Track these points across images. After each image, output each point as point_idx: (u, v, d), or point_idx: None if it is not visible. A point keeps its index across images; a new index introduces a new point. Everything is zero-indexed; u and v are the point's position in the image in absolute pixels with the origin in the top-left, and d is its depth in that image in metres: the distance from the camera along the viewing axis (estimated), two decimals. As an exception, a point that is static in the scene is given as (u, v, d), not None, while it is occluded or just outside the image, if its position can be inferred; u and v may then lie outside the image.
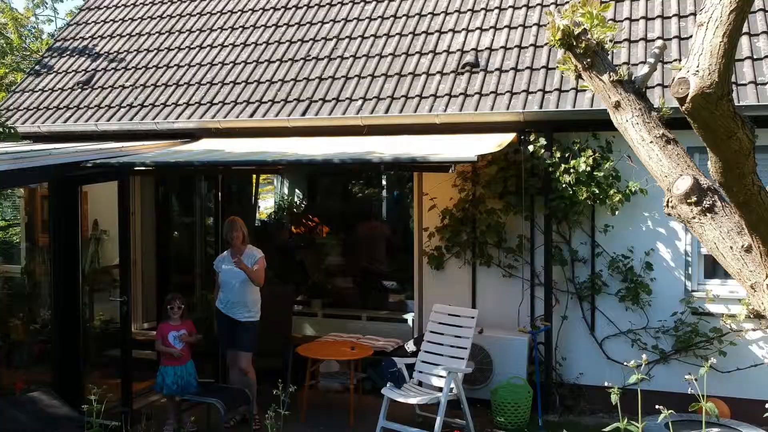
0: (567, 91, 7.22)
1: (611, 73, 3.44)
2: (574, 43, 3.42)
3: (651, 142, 3.34)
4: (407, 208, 13.86)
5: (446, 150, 6.34)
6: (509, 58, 7.81)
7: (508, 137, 6.92)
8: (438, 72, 7.91)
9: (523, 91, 7.35)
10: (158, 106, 8.81)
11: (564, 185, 6.99)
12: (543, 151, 7.03)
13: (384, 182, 14.33)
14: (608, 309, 7.27)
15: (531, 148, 7.03)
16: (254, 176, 13.24)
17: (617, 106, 3.44)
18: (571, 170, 7.02)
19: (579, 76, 3.59)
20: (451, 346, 6.81)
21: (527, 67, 7.59)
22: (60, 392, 6.61)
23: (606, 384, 5.08)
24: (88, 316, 8.55)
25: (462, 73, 7.82)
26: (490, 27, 8.27)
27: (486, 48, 8.02)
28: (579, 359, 7.37)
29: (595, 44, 3.46)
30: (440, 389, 6.37)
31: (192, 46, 9.68)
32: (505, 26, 8.20)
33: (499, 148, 6.46)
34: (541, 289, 7.42)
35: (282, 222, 13.29)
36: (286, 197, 14.12)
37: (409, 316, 8.44)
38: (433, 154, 5.90)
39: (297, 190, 14.31)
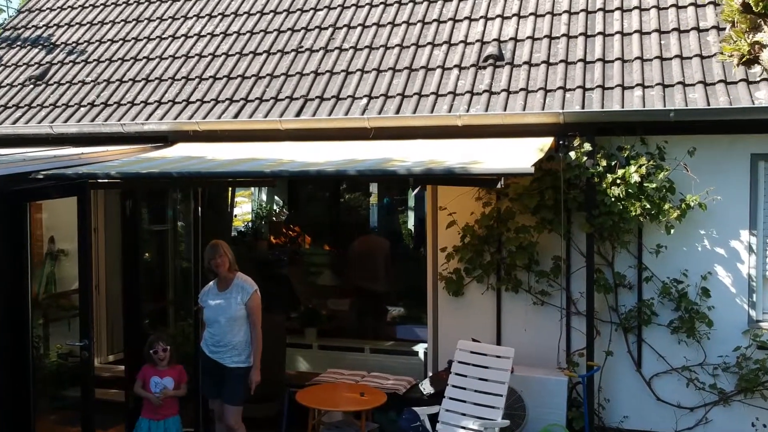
0: (611, 88, 6.16)
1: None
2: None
3: None
4: (399, 215, 12.89)
5: (477, 157, 5.22)
6: (539, 50, 6.73)
7: (547, 142, 5.85)
8: (455, 66, 6.79)
9: (559, 88, 6.27)
10: (125, 104, 7.56)
11: (612, 199, 5.92)
12: (585, 158, 5.96)
13: (374, 189, 13.26)
14: (658, 342, 6.23)
15: (573, 154, 5.95)
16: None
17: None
18: (619, 181, 5.97)
19: (748, 60, 2.49)
20: (481, 392, 5.71)
21: (561, 60, 6.52)
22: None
23: (655, 429, 4.02)
24: (42, 350, 7.30)
25: (484, 67, 6.71)
26: (513, 15, 7.18)
27: (510, 38, 6.92)
28: (624, 400, 6.32)
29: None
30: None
31: (164, 36, 8.43)
32: (531, 14, 7.12)
33: (542, 155, 5.37)
34: (578, 319, 6.37)
35: (260, 231, 12.13)
36: (264, 205, 12.96)
37: (420, 348, 7.31)
38: (470, 163, 4.77)
39: (276, 197, 13.15)
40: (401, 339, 7.91)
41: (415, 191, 13.23)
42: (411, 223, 12.78)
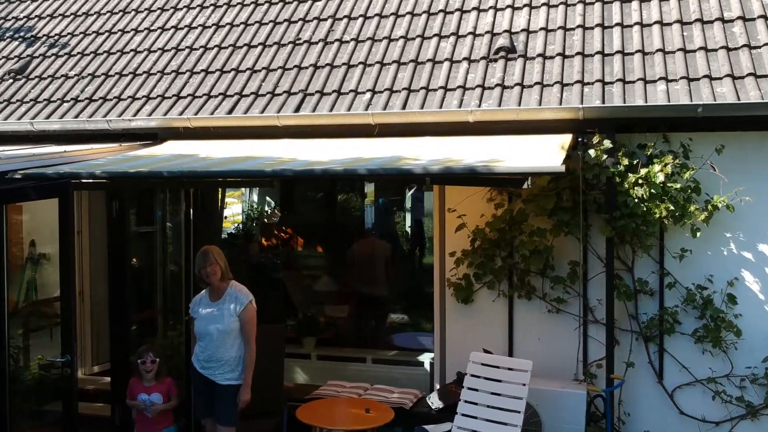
0: (633, 82, 5.78)
1: None
2: None
3: None
4: (395, 217, 12.47)
5: (494, 155, 4.81)
6: (553, 41, 6.33)
7: (566, 139, 5.45)
8: (464, 58, 6.39)
9: (577, 81, 5.88)
10: (111, 100, 7.10)
11: (635, 200, 5.54)
12: (606, 156, 5.57)
13: (369, 188, 12.84)
14: (681, 352, 5.85)
15: (592, 153, 5.56)
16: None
17: None
18: (641, 181, 5.59)
19: None
20: (497, 408, 5.31)
21: (578, 53, 6.13)
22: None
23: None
24: (22, 362, 6.85)
25: (495, 60, 6.31)
26: (524, 5, 6.78)
27: (522, 30, 6.53)
28: (645, 414, 5.94)
29: None
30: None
31: (152, 28, 7.97)
32: (543, 4, 6.72)
33: (564, 153, 4.97)
34: (595, 328, 5.99)
35: (252, 233, 11.68)
36: (255, 205, 12.51)
37: (426, 358, 6.90)
38: (492, 162, 4.36)
39: (268, 197, 12.71)
40: (405, 348, 7.49)
41: (412, 191, 12.88)
42: (408, 225, 12.40)
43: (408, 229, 11.74)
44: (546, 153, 4.75)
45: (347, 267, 8.87)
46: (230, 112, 6.47)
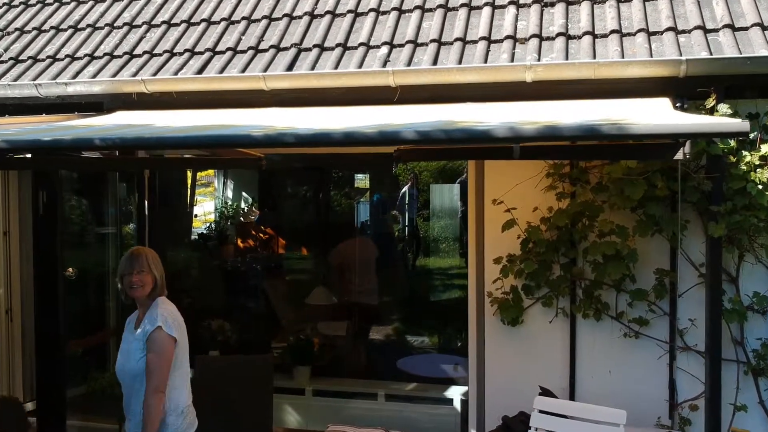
0: (745, 28, 4.30)
1: None
2: None
3: None
4: (390, 212, 11.00)
5: (587, 116, 3.29)
6: (627, -21, 4.83)
7: (662, 103, 3.96)
8: (510, 2, 4.86)
9: (668, 29, 4.38)
10: (43, 60, 5.46)
11: (759, 187, 4.06)
12: (715, 128, 4.07)
13: (365, 181, 11.38)
14: (804, 390, 4.41)
15: (698, 122, 4.06)
16: (189, 173, 10.09)
17: None
18: (761, 161, 4.12)
19: None
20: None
21: (665, -7, 4.64)
22: None
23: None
24: None
25: (552, 4, 4.80)
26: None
27: (583, -34, 5.02)
28: (754, 472, 4.48)
29: None
30: None
31: (99, -26, 6.33)
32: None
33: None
34: (686, 357, 4.53)
35: (226, 234, 10.15)
36: (230, 202, 10.98)
37: (456, 394, 5.37)
38: (614, 120, 2.79)
39: (244, 193, 11.18)
40: (426, 378, 5.89)
41: (406, 187, 11.43)
42: (406, 223, 10.97)
43: (412, 229, 10.25)
44: (666, 115, 3.22)
45: (343, 272, 7.33)
46: (199, 72, 4.88)
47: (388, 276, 7.75)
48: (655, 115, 3.31)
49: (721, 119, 2.93)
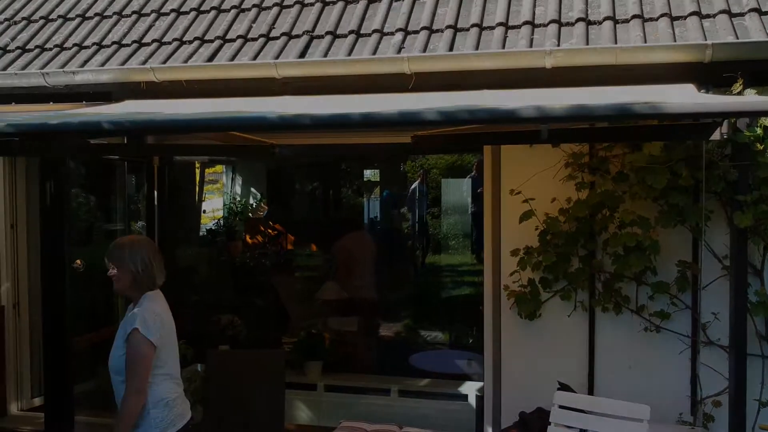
0: (771, 12, 4.18)
1: None
2: None
3: None
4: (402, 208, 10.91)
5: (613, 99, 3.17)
6: (648, -37, 4.70)
7: (687, 88, 3.83)
8: (528, -12, 4.75)
9: (692, 13, 4.26)
10: (50, 49, 5.36)
11: (788, 176, 3.94)
12: (743, 115, 3.94)
13: (375, 177, 11.31)
14: (832, 386, 4.28)
15: (724, 109, 3.94)
16: (197, 170, 10.03)
17: None
18: (789, 149, 3.99)
19: None
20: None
21: (687, -23, 4.51)
22: None
23: None
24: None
25: (572, -11, 4.68)
26: None
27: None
28: (779, 471, 4.34)
29: None
30: None
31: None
32: None
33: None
34: (708, 351, 4.40)
35: (235, 230, 10.06)
36: (239, 198, 10.91)
37: (470, 389, 5.26)
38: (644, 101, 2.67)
39: (253, 189, 11.10)
40: (440, 374, 5.77)
41: (416, 183, 11.32)
42: (416, 219, 10.87)
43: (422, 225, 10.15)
44: (697, 97, 3.10)
45: (352, 267, 7.22)
46: (210, 59, 4.77)
47: (399, 271, 7.63)
48: (684, 98, 3.19)
49: (759, 97, 2.80)
